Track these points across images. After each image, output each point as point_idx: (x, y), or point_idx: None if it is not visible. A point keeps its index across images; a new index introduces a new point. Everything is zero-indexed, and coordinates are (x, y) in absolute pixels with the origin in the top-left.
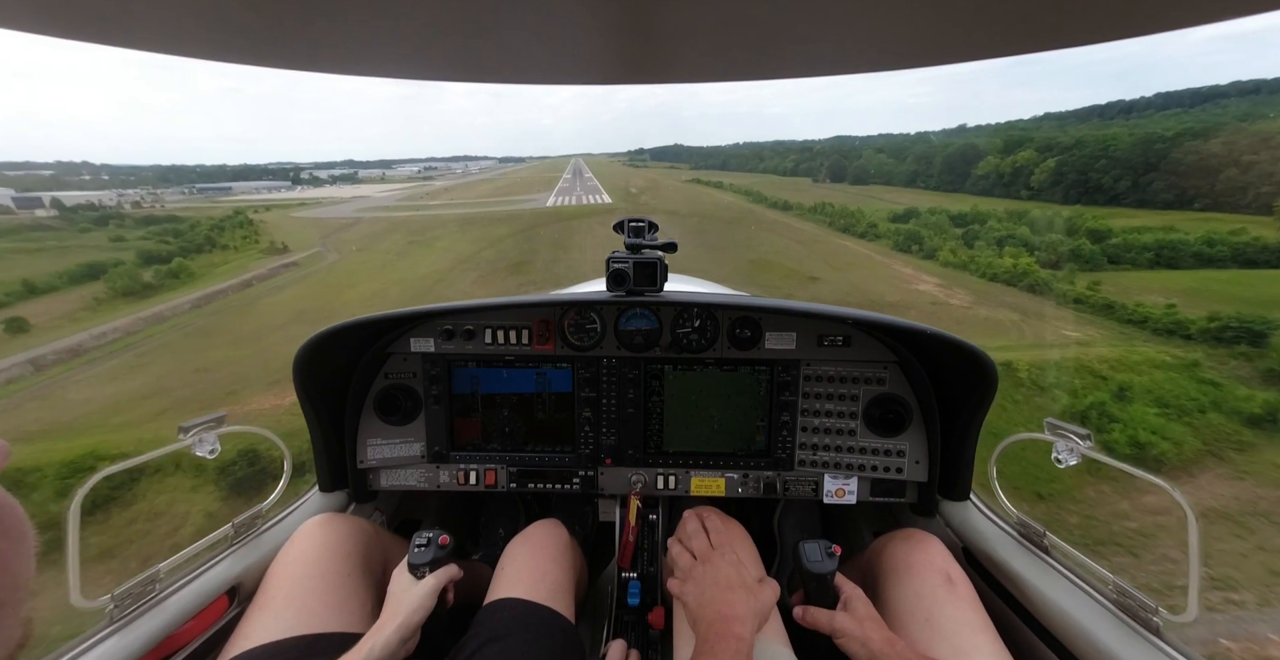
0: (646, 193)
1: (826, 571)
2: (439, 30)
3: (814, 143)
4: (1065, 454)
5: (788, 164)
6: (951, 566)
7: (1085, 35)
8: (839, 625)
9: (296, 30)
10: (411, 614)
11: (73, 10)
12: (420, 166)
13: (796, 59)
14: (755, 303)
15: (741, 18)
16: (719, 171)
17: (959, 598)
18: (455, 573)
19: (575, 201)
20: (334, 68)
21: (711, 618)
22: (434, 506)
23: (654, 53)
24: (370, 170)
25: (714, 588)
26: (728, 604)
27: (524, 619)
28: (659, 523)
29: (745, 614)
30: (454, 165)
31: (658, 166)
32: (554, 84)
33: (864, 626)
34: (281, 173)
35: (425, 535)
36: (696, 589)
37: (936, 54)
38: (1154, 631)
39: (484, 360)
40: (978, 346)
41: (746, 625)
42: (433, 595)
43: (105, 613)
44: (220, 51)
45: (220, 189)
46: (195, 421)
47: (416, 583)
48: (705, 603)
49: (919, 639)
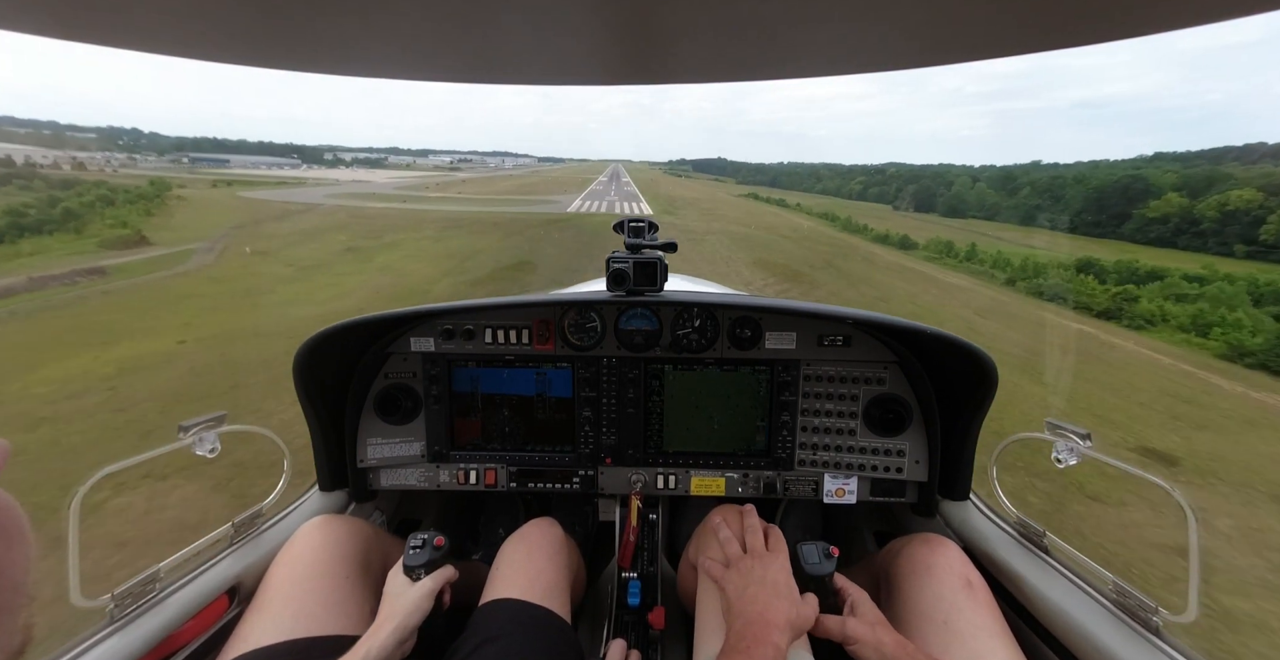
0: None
1: (824, 573)
2: (439, 30)
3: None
4: (1065, 454)
5: (853, 186)
6: (971, 571)
7: (1086, 35)
8: (851, 632)
9: (296, 30)
10: (408, 616)
11: (73, 10)
12: (454, 158)
13: (797, 59)
14: (755, 302)
15: (741, 18)
16: (770, 188)
17: (978, 603)
18: (451, 574)
19: (604, 209)
20: (334, 68)
21: (751, 616)
22: (434, 506)
23: (654, 53)
24: (402, 157)
25: (760, 586)
26: (772, 609)
27: (519, 619)
28: (659, 523)
29: (784, 624)
30: (489, 159)
31: (701, 178)
32: (554, 84)
33: (875, 631)
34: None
35: (420, 537)
36: (742, 581)
37: (937, 54)
38: (1153, 631)
39: (484, 360)
40: (978, 346)
41: (785, 636)
42: (429, 597)
43: (105, 612)
44: (221, 52)
45: (216, 160)
46: (195, 421)
47: (412, 585)
48: (749, 599)
49: (934, 642)
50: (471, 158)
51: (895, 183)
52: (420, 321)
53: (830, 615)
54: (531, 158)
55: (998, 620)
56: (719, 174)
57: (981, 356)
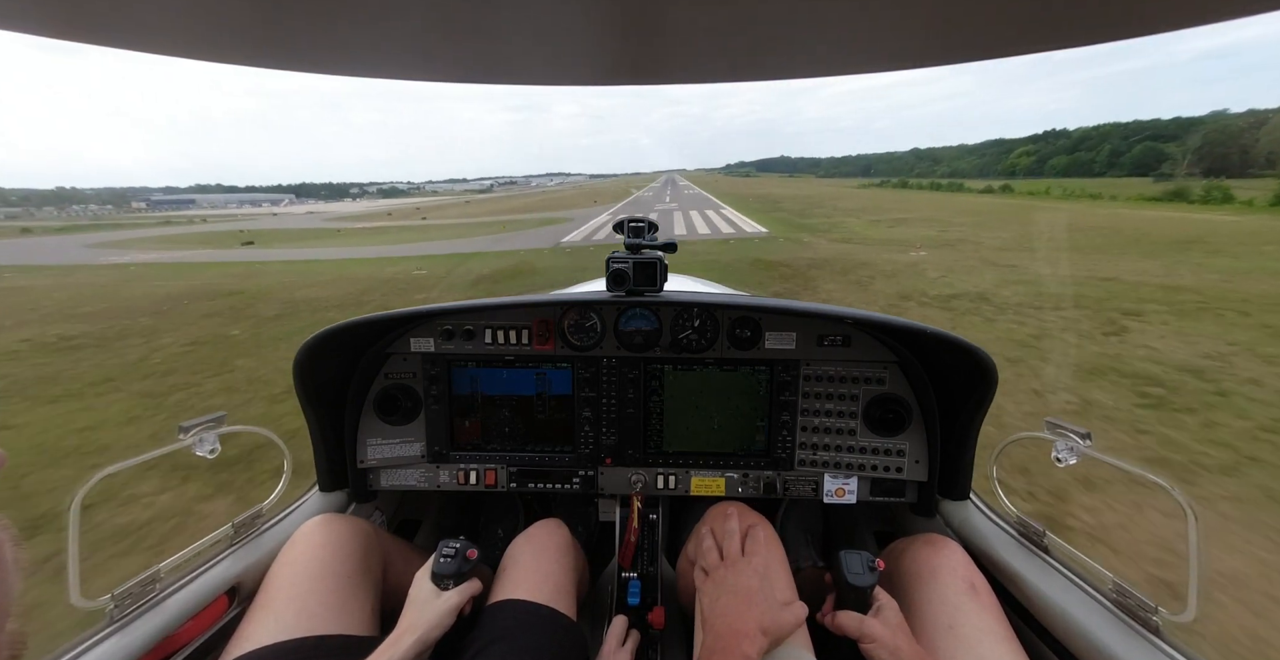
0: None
1: (867, 585)
2: (439, 31)
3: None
4: (1065, 453)
5: (1021, 161)
6: (974, 574)
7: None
8: (868, 630)
9: (295, 32)
10: (430, 630)
11: (72, 10)
12: (493, 182)
13: (797, 59)
14: (755, 303)
15: (741, 18)
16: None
17: (982, 606)
18: (477, 589)
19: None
20: (333, 69)
21: (721, 629)
22: (434, 507)
23: (654, 53)
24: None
25: (732, 596)
26: (740, 617)
27: (528, 620)
28: (659, 523)
29: (754, 631)
30: (534, 180)
31: (770, 177)
32: (554, 85)
33: (895, 635)
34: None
35: (453, 545)
36: (714, 591)
37: (937, 54)
38: (1153, 631)
39: (484, 360)
40: (978, 346)
41: (755, 644)
42: (453, 614)
43: (105, 612)
44: (221, 53)
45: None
46: (195, 421)
47: (439, 595)
48: (719, 610)
49: (942, 646)
50: (517, 179)
51: (1091, 150)
52: (420, 322)
53: (849, 612)
54: (583, 175)
55: (1002, 624)
56: (789, 172)
57: (981, 356)
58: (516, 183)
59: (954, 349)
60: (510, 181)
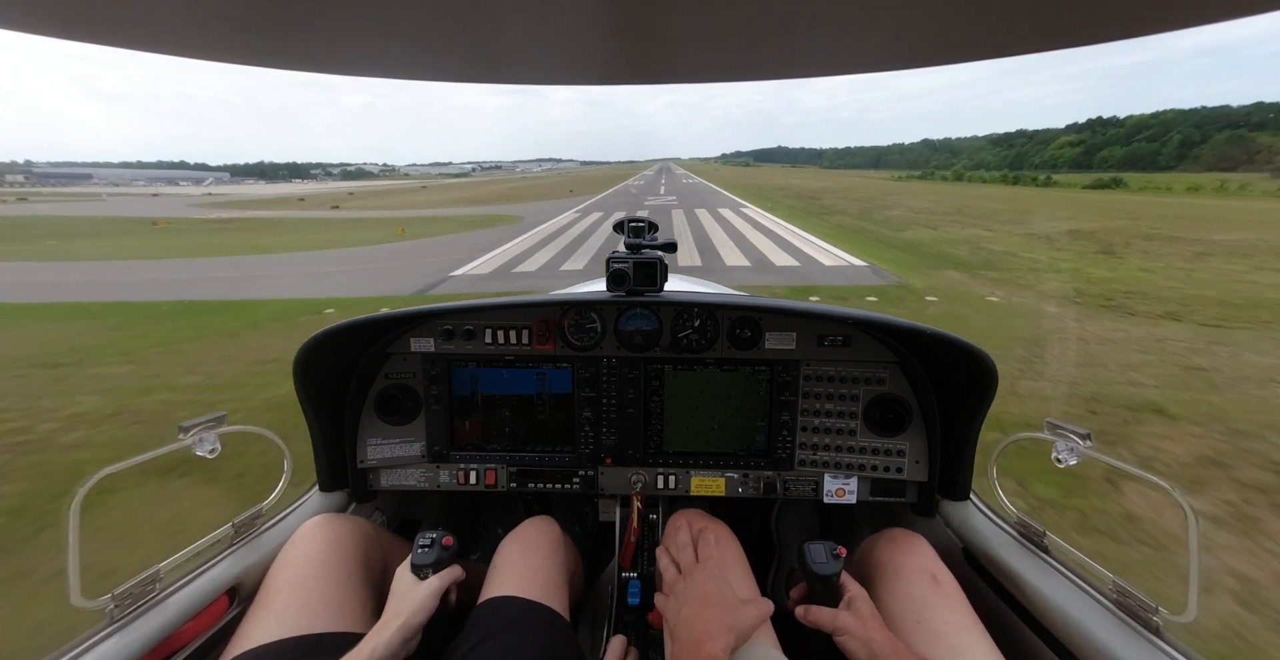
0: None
1: (831, 573)
2: (439, 30)
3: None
4: (1065, 454)
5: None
6: (937, 566)
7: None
8: (841, 623)
9: (295, 31)
10: (414, 614)
11: (72, 10)
12: (474, 166)
13: (797, 59)
14: (755, 303)
15: (741, 18)
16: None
17: (946, 597)
18: (458, 574)
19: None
20: (333, 68)
21: (685, 637)
22: (434, 506)
23: (654, 53)
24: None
25: (691, 604)
26: (701, 622)
27: (517, 616)
28: (659, 522)
29: (718, 631)
30: (520, 165)
31: (772, 167)
32: (554, 84)
33: (868, 626)
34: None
35: (429, 536)
36: (676, 605)
37: (937, 54)
38: (1154, 631)
39: (484, 360)
40: (978, 346)
41: (719, 642)
42: (435, 596)
43: (105, 613)
44: (221, 52)
45: (67, 178)
46: (195, 421)
47: (419, 583)
48: (683, 622)
49: (913, 641)
50: (503, 164)
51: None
52: (420, 322)
53: (822, 607)
54: (575, 161)
55: (969, 615)
56: (788, 162)
57: (981, 356)
58: (502, 167)
59: (954, 349)
60: (496, 166)
